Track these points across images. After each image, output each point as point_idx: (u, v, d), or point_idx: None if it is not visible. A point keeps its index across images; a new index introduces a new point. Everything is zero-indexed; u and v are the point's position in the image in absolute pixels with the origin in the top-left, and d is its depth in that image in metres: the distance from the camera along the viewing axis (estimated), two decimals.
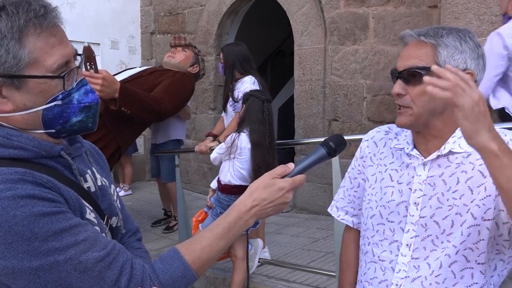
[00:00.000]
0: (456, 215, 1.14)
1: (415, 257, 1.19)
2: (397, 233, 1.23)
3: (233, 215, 1.01)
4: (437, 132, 1.19)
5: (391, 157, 1.31)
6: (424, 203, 1.19)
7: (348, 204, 1.46)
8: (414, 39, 1.17)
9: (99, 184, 1.07)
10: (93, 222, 0.97)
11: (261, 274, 3.37)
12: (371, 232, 1.30)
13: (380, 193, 1.29)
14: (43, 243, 0.83)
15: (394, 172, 1.28)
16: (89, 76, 2.79)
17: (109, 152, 3.14)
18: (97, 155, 1.19)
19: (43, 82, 0.92)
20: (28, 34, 0.89)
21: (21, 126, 0.94)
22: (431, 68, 1.00)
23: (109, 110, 2.98)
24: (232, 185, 2.96)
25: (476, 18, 3.21)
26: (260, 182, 1.03)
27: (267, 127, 2.95)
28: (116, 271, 0.89)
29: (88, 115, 1.00)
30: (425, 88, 1.09)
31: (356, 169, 1.44)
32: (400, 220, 1.22)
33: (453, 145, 1.17)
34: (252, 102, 2.97)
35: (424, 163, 1.21)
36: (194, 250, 0.98)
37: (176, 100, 3.43)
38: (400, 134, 1.32)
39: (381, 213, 1.27)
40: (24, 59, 0.89)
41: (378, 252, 1.26)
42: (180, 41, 3.98)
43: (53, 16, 0.93)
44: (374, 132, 1.42)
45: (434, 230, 1.17)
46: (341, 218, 1.47)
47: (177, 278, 0.95)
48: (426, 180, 1.20)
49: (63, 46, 0.94)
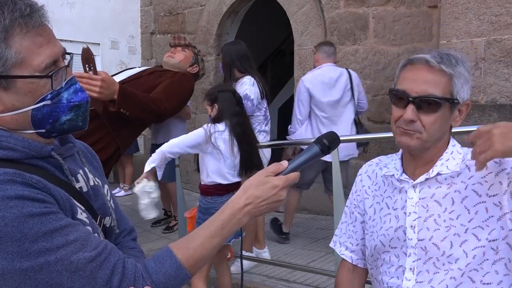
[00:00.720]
0: (454, 235, 1.14)
1: (419, 281, 1.19)
2: (401, 258, 1.23)
3: (227, 213, 1.00)
4: (430, 157, 1.21)
5: (383, 185, 1.33)
6: (420, 225, 1.19)
7: (348, 239, 1.45)
8: (429, 65, 1.15)
9: (91, 184, 1.07)
10: (85, 222, 0.96)
11: (261, 274, 3.37)
12: (380, 262, 1.29)
13: (380, 222, 1.30)
14: (33, 244, 0.82)
15: (389, 200, 1.29)
16: (88, 78, 2.79)
17: (108, 154, 3.12)
18: (90, 155, 1.18)
19: (31, 82, 0.91)
20: (14, 34, 0.88)
21: (11, 126, 0.93)
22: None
23: (108, 111, 2.96)
24: (206, 185, 2.80)
25: (476, 18, 3.22)
26: (253, 180, 1.02)
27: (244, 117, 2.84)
28: (108, 271, 0.89)
29: (78, 113, 0.99)
30: (438, 117, 1.14)
31: (352, 203, 1.44)
32: (402, 245, 1.23)
33: (441, 167, 1.20)
34: (223, 97, 2.79)
35: (414, 185, 1.22)
36: (187, 248, 0.98)
37: (175, 101, 3.41)
38: (389, 163, 1.34)
39: (382, 242, 1.27)
40: (11, 59, 0.88)
41: (387, 280, 1.26)
42: (180, 41, 3.95)
43: (39, 15, 0.92)
44: (366, 166, 1.44)
45: (434, 252, 1.17)
46: (341, 253, 1.46)
47: (170, 277, 0.95)
48: (419, 202, 1.21)
49: (50, 45, 0.93)
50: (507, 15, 3.11)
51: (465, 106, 1.20)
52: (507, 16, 3.11)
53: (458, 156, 1.21)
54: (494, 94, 3.19)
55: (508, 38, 3.12)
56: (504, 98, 3.16)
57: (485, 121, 3.15)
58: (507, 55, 3.13)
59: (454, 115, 1.20)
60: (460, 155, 1.21)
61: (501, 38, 3.14)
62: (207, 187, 2.79)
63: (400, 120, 1.18)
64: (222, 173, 2.76)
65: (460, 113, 1.21)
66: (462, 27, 3.27)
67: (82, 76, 2.80)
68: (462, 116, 1.21)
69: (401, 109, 1.18)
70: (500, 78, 3.16)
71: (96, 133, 2.99)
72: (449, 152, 1.21)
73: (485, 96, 3.22)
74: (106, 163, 3.09)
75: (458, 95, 1.16)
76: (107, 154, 3.10)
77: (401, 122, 1.18)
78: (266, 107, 3.73)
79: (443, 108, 1.15)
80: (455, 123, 1.22)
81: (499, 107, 3.15)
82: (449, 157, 1.21)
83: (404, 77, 1.19)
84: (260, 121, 3.67)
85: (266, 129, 3.73)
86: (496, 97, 3.19)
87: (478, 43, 3.23)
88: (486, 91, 3.23)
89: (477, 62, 3.24)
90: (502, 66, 3.15)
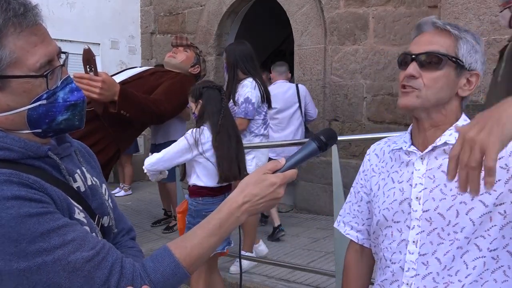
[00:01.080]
0: (460, 204, 1.12)
1: (423, 254, 1.17)
2: (404, 232, 1.21)
3: (224, 211, 1.00)
4: (437, 122, 1.19)
5: (390, 161, 1.31)
6: (425, 196, 1.17)
7: (353, 219, 1.43)
8: (435, 28, 1.16)
9: (89, 183, 1.06)
10: (82, 222, 0.96)
11: (261, 274, 3.37)
12: (381, 238, 1.28)
13: (383, 197, 1.28)
14: (31, 244, 0.82)
15: (395, 174, 1.27)
16: (89, 79, 2.78)
17: (109, 155, 3.12)
18: (87, 155, 1.18)
19: (26, 82, 0.90)
20: (7, 34, 0.88)
21: (6, 127, 0.93)
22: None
23: (108, 112, 2.95)
24: (198, 186, 2.70)
25: (476, 18, 3.22)
26: (251, 177, 1.02)
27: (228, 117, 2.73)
28: (106, 271, 0.89)
29: (74, 113, 0.99)
30: (441, 75, 1.12)
31: (359, 183, 1.43)
32: (406, 218, 1.21)
33: (449, 137, 1.16)
34: (208, 94, 2.68)
35: (422, 157, 1.20)
36: (184, 247, 0.98)
37: (176, 102, 3.41)
38: (398, 139, 1.32)
39: (385, 216, 1.26)
40: (5, 59, 0.88)
41: (389, 256, 1.24)
42: (182, 41, 3.93)
43: (33, 15, 0.91)
44: (375, 145, 1.42)
45: (439, 222, 1.15)
46: (346, 233, 1.44)
47: (168, 276, 0.94)
48: (426, 173, 1.19)
49: (45, 45, 0.92)
50: None
51: (474, 76, 1.17)
52: None
53: None
54: None
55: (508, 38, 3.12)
56: None
57: None
58: None
59: (461, 82, 1.16)
60: None
61: (501, 38, 3.14)
62: (198, 188, 2.70)
63: (403, 78, 1.17)
64: (213, 177, 2.67)
65: (469, 84, 1.17)
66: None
67: (83, 77, 2.80)
68: (471, 87, 1.17)
69: (405, 70, 1.17)
70: None
71: (96, 134, 2.99)
72: (460, 124, 1.17)
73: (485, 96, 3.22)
74: (106, 164, 3.11)
75: (464, 58, 1.13)
76: (107, 155, 3.10)
77: (403, 80, 1.17)
78: (266, 111, 3.68)
79: (446, 67, 1.13)
80: (463, 92, 1.18)
81: None
82: None
83: (412, 43, 1.20)
84: (258, 124, 3.61)
85: (264, 132, 3.68)
86: None
87: None
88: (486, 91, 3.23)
89: None
90: None
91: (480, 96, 3.24)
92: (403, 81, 1.17)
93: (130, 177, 6.11)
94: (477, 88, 3.26)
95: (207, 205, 2.67)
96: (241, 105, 3.49)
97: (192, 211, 2.72)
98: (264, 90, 3.57)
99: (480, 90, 3.24)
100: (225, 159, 2.63)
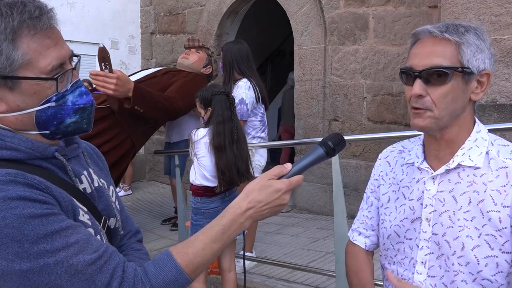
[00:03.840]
0: (467, 237, 1.08)
1: (431, 275, 1.14)
2: (414, 250, 1.19)
3: (228, 217, 0.98)
4: (451, 137, 1.13)
5: (401, 173, 1.27)
6: (435, 219, 1.14)
7: (361, 224, 1.40)
8: (432, 36, 1.08)
9: (95, 185, 1.06)
10: (87, 224, 0.96)
11: (261, 274, 3.37)
12: (392, 252, 1.25)
13: (395, 212, 1.25)
14: (33, 245, 0.82)
15: (405, 189, 1.24)
16: (104, 76, 2.93)
17: (123, 150, 3.25)
18: (96, 156, 1.18)
19: (37, 84, 0.91)
20: (22, 36, 0.89)
21: (15, 127, 0.94)
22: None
23: (123, 109, 3.09)
24: (196, 186, 2.75)
25: (476, 18, 3.22)
26: (256, 183, 1.00)
27: (235, 122, 2.72)
28: (108, 275, 0.88)
29: (83, 116, 0.99)
30: (449, 89, 1.06)
31: (369, 188, 1.39)
32: (416, 237, 1.18)
33: (462, 157, 1.12)
34: (217, 101, 2.70)
35: (434, 177, 1.15)
36: (187, 253, 0.96)
37: (188, 100, 3.47)
38: (412, 149, 1.27)
39: (397, 233, 1.23)
40: (18, 61, 0.89)
41: (401, 271, 1.22)
42: (194, 43, 4.13)
43: (48, 18, 0.92)
44: (388, 151, 1.37)
45: (446, 250, 1.12)
46: (354, 239, 1.41)
47: (169, 281, 0.94)
48: (436, 195, 1.15)
49: (58, 48, 0.94)
50: (507, 15, 3.11)
51: (485, 76, 1.11)
52: (507, 16, 3.11)
53: (482, 143, 1.12)
54: (494, 94, 3.19)
55: (508, 38, 3.12)
56: (504, 98, 3.16)
57: (485, 121, 3.15)
58: (507, 55, 3.13)
59: (472, 87, 1.10)
60: (485, 143, 1.12)
61: (501, 38, 3.14)
62: (196, 187, 2.77)
63: (411, 98, 1.10)
64: (207, 177, 2.72)
65: (481, 85, 1.11)
66: None
67: (99, 74, 2.96)
68: (483, 88, 1.11)
69: (411, 87, 1.10)
70: (500, 78, 3.16)
71: (111, 130, 3.13)
72: (473, 140, 1.12)
73: (485, 96, 3.22)
74: (121, 160, 3.30)
75: (470, 64, 1.06)
76: (121, 151, 3.24)
77: (412, 100, 1.10)
78: (263, 112, 3.60)
79: (454, 79, 1.06)
80: (476, 96, 1.11)
81: (499, 107, 3.15)
82: (473, 145, 1.12)
83: (411, 54, 1.13)
84: (255, 126, 3.55)
85: (262, 135, 3.62)
86: (496, 97, 3.19)
87: None
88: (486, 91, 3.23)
89: None
90: (502, 66, 3.15)
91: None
92: (412, 102, 1.11)
93: (130, 177, 6.11)
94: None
95: (206, 203, 2.73)
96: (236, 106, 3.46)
97: (193, 209, 2.81)
98: (260, 91, 3.51)
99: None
100: (224, 165, 2.65)
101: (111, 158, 3.10)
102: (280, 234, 4.36)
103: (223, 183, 2.66)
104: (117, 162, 3.23)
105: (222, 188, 2.68)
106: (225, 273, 2.83)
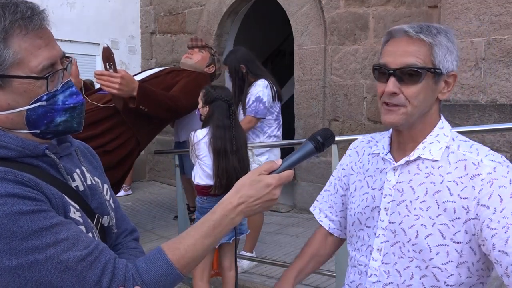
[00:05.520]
0: (421, 226, 1.13)
1: (385, 262, 1.19)
2: (371, 238, 1.24)
3: (219, 213, 0.99)
4: (416, 132, 1.18)
5: (367, 163, 1.32)
6: (393, 208, 1.19)
7: (329, 208, 1.48)
8: (407, 36, 1.13)
9: (88, 183, 1.07)
10: (78, 221, 0.96)
11: (261, 274, 3.37)
12: (355, 239, 1.31)
13: (359, 200, 1.31)
14: (23, 241, 0.83)
15: (370, 179, 1.29)
16: (108, 75, 2.96)
17: (128, 149, 3.28)
18: (89, 155, 1.18)
19: (27, 83, 0.92)
20: (13, 35, 0.90)
21: (6, 126, 0.95)
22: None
23: (128, 108, 3.12)
24: (201, 186, 2.77)
25: (476, 18, 3.22)
26: (246, 178, 1.01)
27: (234, 132, 2.71)
28: (98, 271, 0.89)
29: (73, 115, 1.00)
30: (421, 88, 1.11)
31: (336, 176, 1.46)
32: (374, 225, 1.24)
33: (423, 150, 1.17)
34: (217, 106, 2.71)
35: (395, 168, 1.21)
36: (178, 249, 0.97)
37: (192, 98, 3.50)
38: (380, 140, 1.33)
39: (359, 220, 1.29)
40: (9, 60, 0.90)
41: (358, 257, 1.28)
42: (197, 43, 4.16)
43: (40, 18, 0.94)
44: (358, 142, 1.44)
45: (402, 237, 1.16)
46: (320, 220, 1.49)
47: (160, 277, 0.94)
48: (396, 185, 1.20)
49: (49, 48, 0.95)
50: (507, 15, 3.11)
51: (452, 77, 1.17)
52: (507, 16, 3.11)
53: (443, 139, 1.17)
54: (494, 94, 3.19)
55: (508, 38, 3.12)
56: (504, 98, 3.16)
57: (485, 121, 3.15)
58: (507, 55, 3.13)
59: (440, 87, 1.16)
60: (446, 138, 1.17)
61: (501, 38, 3.15)
62: (202, 187, 2.78)
63: (384, 95, 1.15)
64: (210, 176, 2.73)
65: (447, 85, 1.17)
66: (462, 27, 3.27)
67: (103, 74, 3.00)
68: (450, 88, 1.17)
69: (384, 84, 1.15)
70: (500, 78, 3.16)
71: (116, 129, 3.16)
72: (434, 135, 1.18)
73: (485, 96, 3.22)
74: (126, 158, 3.34)
75: (441, 65, 1.12)
76: (126, 150, 3.28)
77: (384, 96, 1.15)
78: (278, 111, 3.68)
79: (426, 79, 1.11)
80: (442, 96, 1.18)
81: (499, 107, 3.15)
82: (434, 140, 1.17)
83: (385, 51, 1.18)
84: (271, 125, 3.61)
85: (278, 134, 3.67)
86: (496, 97, 3.19)
87: (478, 43, 3.23)
88: (486, 91, 3.23)
89: (477, 62, 3.24)
90: (502, 66, 3.15)
91: (480, 96, 3.24)
92: (384, 98, 1.16)
93: (130, 177, 6.11)
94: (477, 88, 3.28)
95: (212, 203, 2.73)
96: (251, 104, 3.48)
97: (199, 208, 2.83)
98: (276, 89, 3.60)
99: (480, 90, 3.24)
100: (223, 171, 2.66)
101: (116, 156, 3.14)
102: (280, 234, 4.36)
103: (219, 187, 2.67)
104: (122, 161, 3.27)
105: (217, 191, 2.68)
106: (226, 272, 2.84)
